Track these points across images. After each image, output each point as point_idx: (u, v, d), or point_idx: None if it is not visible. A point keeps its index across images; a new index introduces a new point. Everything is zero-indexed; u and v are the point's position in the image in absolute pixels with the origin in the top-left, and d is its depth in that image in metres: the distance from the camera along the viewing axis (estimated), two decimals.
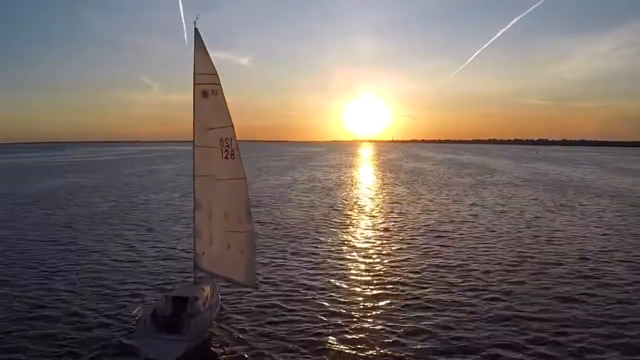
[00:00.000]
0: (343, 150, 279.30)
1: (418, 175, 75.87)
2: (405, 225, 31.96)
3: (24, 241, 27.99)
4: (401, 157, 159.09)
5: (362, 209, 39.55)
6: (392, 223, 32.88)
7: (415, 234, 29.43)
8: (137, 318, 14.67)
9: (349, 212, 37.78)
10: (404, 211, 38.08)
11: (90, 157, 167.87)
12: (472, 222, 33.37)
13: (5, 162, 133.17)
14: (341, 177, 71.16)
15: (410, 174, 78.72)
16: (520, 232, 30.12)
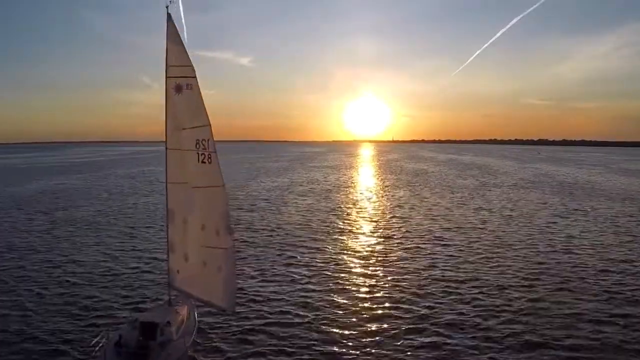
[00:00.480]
0: (343, 150, 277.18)
1: (420, 177, 73.77)
2: (409, 233, 29.76)
3: None
4: (402, 158, 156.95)
5: (362, 214, 37.41)
6: (395, 230, 30.69)
7: (420, 242, 27.19)
8: (98, 346, 12.60)
9: (349, 218, 35.63)
10: (407, 216, 35.89)
11: (88, 157, 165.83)
12: (481, 228, 31.11)
13: (1, 162, 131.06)
14: (340, 179, 69.04)
15: (412, 176, 76.60)
16: (533, 240, 27.91)
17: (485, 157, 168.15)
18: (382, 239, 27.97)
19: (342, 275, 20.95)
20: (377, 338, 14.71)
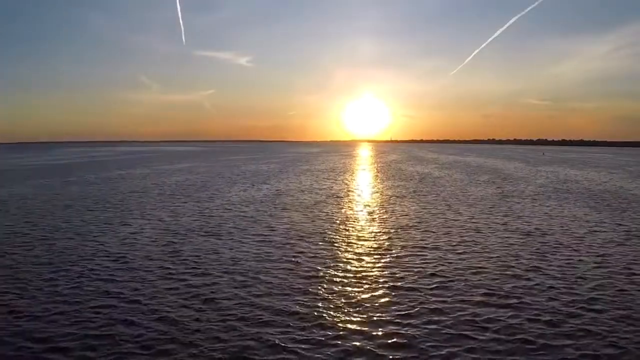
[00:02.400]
0: (341, 150, 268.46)
1: (427, 183, 64.51)
2: (432, 274, 20.23)
3: None
4: (402, 159, 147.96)
5: (361, 240, 27.87)
6: (410, 270, 21.07)
7: (448, 287, 17.99)
8: None
9: (343, 246, 26.11)
10: (423, 243, 26.33)
11: (74, 158, 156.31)
12: (531, 269, 21.47)
13: None
14: (335, 187, 59.53)
15: (418, 181, 67.29)
16: (609, 285, 18.69)
17: (490, 158, 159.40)
18: (394, 283, 18.78)
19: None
20: None
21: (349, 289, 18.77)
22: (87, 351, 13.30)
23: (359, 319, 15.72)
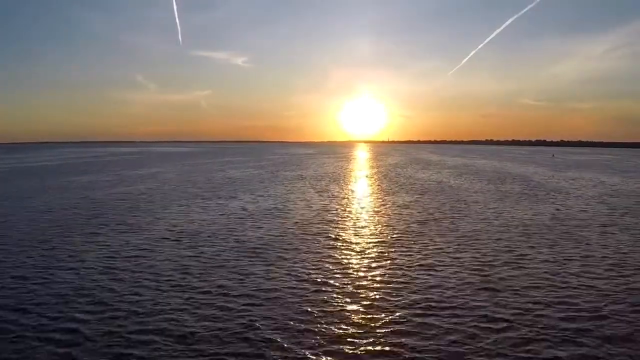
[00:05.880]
0: (336, 152, 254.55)
1: (447, 200, 49.89)
2: None
3: None
4: (404, 162, 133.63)
5: (359, 309, 13.73)
6: None
7: None
8: None
9: (322, 345, 11.97)
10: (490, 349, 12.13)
11: (44, 161, 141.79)
12: None
13: None
14: (325, 205, 44.78)
15: (432, 195, 52.63)
16: None
17: (499, 160, 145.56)
18: None
19: None
20: None
21: None
22: None
23: None
